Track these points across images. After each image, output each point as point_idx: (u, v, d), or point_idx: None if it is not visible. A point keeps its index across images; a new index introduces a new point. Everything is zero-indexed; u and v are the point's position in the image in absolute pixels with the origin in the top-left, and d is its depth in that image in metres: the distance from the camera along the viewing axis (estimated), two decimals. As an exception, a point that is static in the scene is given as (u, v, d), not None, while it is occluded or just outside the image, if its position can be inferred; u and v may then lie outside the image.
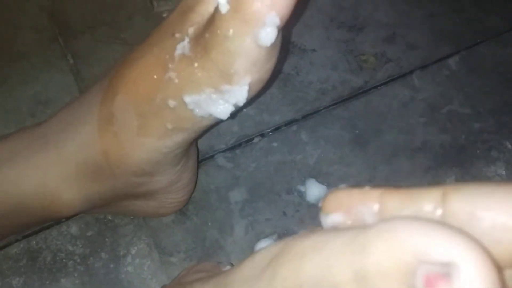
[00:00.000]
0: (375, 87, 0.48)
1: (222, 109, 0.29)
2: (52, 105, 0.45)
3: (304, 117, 0.46)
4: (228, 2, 0.25)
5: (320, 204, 0.19)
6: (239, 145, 0.44)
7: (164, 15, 0.52)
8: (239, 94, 0.28)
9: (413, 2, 0.54)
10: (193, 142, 0.38)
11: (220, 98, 0.28)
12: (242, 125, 0.45)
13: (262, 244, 0.39)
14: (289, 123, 0.46)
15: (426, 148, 0.45)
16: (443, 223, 0.14)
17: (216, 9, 0.26)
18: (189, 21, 0.28)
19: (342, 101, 0.47)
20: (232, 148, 0.44)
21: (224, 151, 0.44)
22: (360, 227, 0.16)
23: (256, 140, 0.44)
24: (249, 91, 0.28)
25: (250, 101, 0.32)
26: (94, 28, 0.50)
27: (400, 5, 0.54)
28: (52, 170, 0.33)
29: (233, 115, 0.31)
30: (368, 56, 0.50)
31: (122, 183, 0.34)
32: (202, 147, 0.43)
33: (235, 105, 0.29)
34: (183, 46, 0.28)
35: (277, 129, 0.45)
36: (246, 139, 0.44)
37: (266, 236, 0.40)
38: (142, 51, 0.31)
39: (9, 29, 0.50)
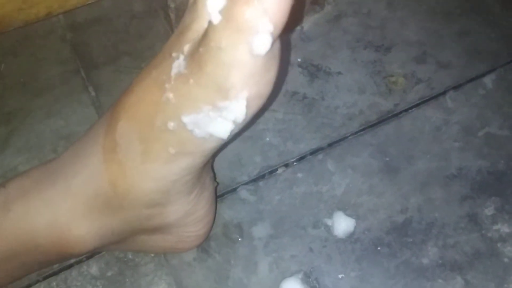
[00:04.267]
0: (406, 110, 0.46)
1: (221, 127, 0.28)
2: (74, 140, 0.45)
3: (330, 145, 0.44)
4: (220, 13, 0.24)
5: None
6: (263, 176, 0.42)
7: (185, 42, 0.51)
8: (237, 109, 0.27)
9: (444, 18, 0.52)
10: (206, 171, 0.36)
11: (218, 116, 0.28)
12: (265, 155, 0.44)
13: (287, 283, 0.37)
14: (314, 151, 0.44)
15: (462, 175, 0.42)
16: None
17: (209, 21, 0.25)
18: (185, 39, 0.28)
19: (370, 127, 0.45)
20: (255, 180, 0.42)
21: (247, 183, 0.42)
22: None
23: (280, 171, 0.43)
24: (247, 106, 0.27)
25: (252, 120, 0.30)
26: (116, 59, 0.50)
27: (429, 22, 0.52)
28: (62, 205, 0.33)
29: (235, 136, 0.30)
30: (397, 77, 0.48)
31: (134, 215, 0.33)
32: (224, 179, 0.42)
33: (234, 122, 0.28)
34: (178, 64, 0.28)
35: (302, 158, 0.43)
36: (270, 170, 0.43)
37: (291, 274, 0.38)
38: (142, 75, 0.31)
39: (34, 62, 0.50)
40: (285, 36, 0.33)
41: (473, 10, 0.53)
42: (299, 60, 0.49)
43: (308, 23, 0.52)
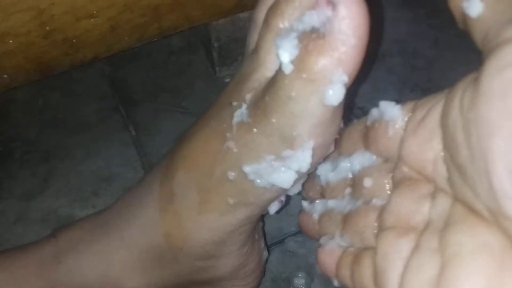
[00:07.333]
0: (456, 158, 0.44)
1: (284, 177, 0.27)
2: (115, 182, 0.44)
3: (379, 194, 0.42)
4: (292, 62, 0.23)
5: None
6: (310, 227, 0.41)
7: (226, 80, 0.50)
8: (302, 159, 0.26)
9: (493, 59, 0.50)
10: (259, 222, 0.35)
11: (281, 165, 0.26)
12: (312, 204, 0.42)
13: None
14: (363, 201, 0.42)
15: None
16: None
17: (278, 71, 0.24)
18: (246, 88, 0.27)
19: (420, 175, 0.43)
20: (303, 231, 0.41)
21: (295, 234, 0.41)
22: None
23: (328, 221, 0.41)
24: (312, 155, 0.26)
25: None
26: (155, 96, 0.49)
27: (477, 63, 0.50)
28: (114, 257, 0.32)
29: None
30: (446, 122, 0.46)
31: (186, 268, 0.32)
32: (271, 230, 0.41)
33: (298, 172, 0.27)
34: (241, 113, 0.27)
35: (350, 208, 0.42)
36: (318, 220, 0.41)
37: (343, 335, 0.36)
38: (199, 124, 0.30)
39: (72, 98, 0.50)
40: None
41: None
42: (344, 101, 0.48)
43: (352, 62, 0.50)
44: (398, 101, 0.48)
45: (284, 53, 0.23)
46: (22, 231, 0.42)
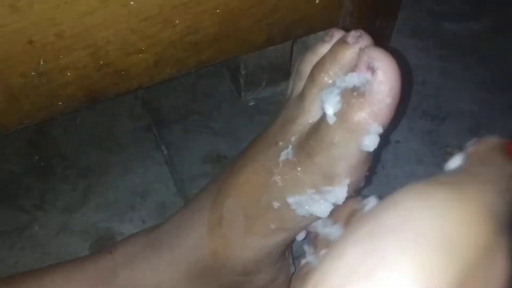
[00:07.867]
0: (461, 181, 0.48)
1: (322, 208, 0.31)
2: (149, 198, 0.48)
3: (391, 214, 0.47)
4: (335, 114, 0.28)
5: None
6: (329, 243, 0.45)
7: (251, 103, 0.54)
8: (339, 193, 0.31)
9: (495, 89, 0.55)
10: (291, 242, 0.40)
11: (321, 198, 0.31)
12: (330, 222, 0.46)
13: None
14: (376, 220, 0.46)
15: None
16: None
17: (322, 120, 0.29)
18: (292, 131, 0.32)
19: (429, 197, 0.48)
20: (322, 246, 0.45)
21: (315, 249, 0.45)
22: None
23: (345, 238, 0.45)
24: (347, 191, 0.31)
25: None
26: (185, 117, 0.53)
27: (481, 92, 0.55)
28: (165, 271, 0.36)
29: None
30: (452, 148, 0.51)
31: (227, 282, 0.37)
32: (293, 246, 0.45)
33: (334, 204, 0.31)
34: (287, 153, 0.31)
35: (365, 226, 0.46)
36: (336, 236, 0.45)
37: None
38: (247, 159, 0.34)
39: (107, 117, 0.53)
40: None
41: (523, 82, 0.55)
42: (359, 126, 0.52)
43: (366, 89, 0.54)
44: (410, 128, 0.52)
45: (329, 107, 0.27)
46: (65, 242, 0.46)
